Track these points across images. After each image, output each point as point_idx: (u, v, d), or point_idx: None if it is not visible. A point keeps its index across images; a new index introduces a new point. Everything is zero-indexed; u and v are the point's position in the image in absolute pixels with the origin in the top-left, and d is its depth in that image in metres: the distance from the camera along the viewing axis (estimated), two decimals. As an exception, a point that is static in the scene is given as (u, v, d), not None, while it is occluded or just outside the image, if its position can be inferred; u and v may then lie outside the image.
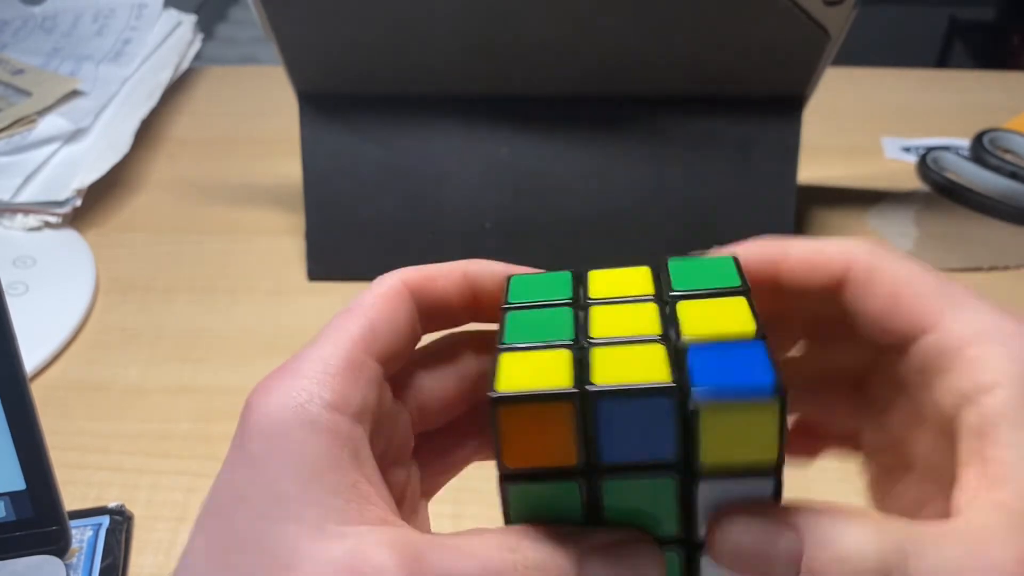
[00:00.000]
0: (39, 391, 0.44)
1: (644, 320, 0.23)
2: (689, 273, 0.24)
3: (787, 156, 0.56)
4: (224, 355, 0.53)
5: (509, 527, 0.22)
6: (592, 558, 0.21)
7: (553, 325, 0.23)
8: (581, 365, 0.21)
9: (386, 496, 0.22)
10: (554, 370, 0.21)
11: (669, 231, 0.57)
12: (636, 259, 0.26)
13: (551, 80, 0.56)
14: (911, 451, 0.25)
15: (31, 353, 0.51)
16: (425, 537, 0.21)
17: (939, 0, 1.76)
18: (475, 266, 0.26)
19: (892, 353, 0.25)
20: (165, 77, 0.74)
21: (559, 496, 0.22)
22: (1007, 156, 0.67)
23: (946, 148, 0.68)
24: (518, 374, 0.21)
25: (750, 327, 0.22)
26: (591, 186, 0.57)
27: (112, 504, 0.43)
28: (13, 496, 0.36)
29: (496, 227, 0.57)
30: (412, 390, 0.26)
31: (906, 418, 0.25)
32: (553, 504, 0.22)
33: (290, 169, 0.60)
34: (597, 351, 0.22)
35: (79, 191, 0.63)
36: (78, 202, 0.62)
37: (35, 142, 0.66)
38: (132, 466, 0.46)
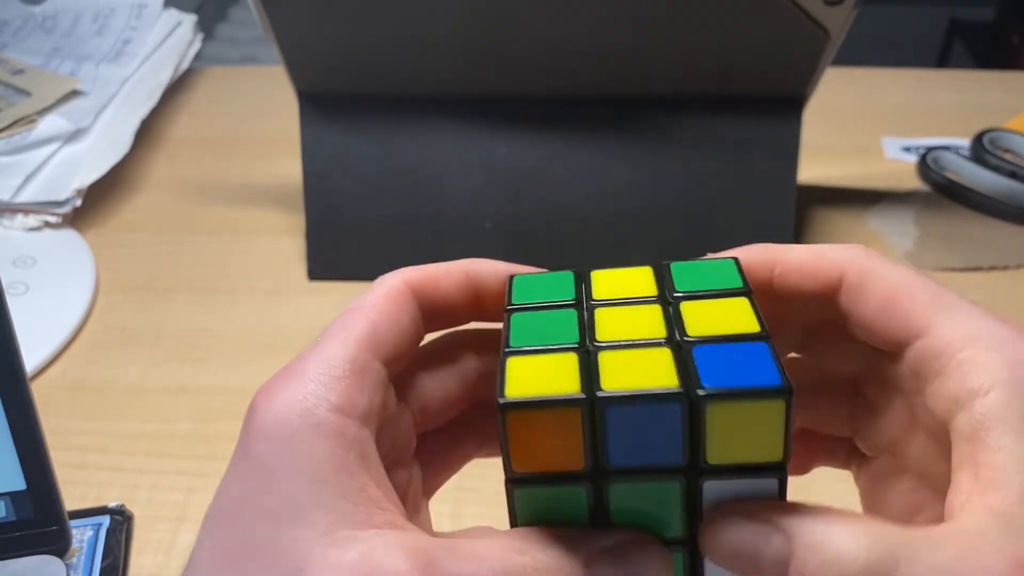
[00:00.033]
0: (39, 391, 0.44)
1: (649, 322, 0.23)
2: (691, 275, 0.25)
3: (787, 156, 0.56)
4: (224, 355, 0.53)
5: (517, 530, 0.22)
6: (600, 560, 0.22)
7: (558, 327, 0.23)
8: (588, 370, 0.21)
9: (394, 499, 0.22)
10: (561, 375, 0.21)
11: (669, 231, 0.57)
12: (637, 259, 0.26)
13: (551, 80, 0.56)
14: (905, 456, 0.26)
15: (31, 353, 0.51)
16: (436, 541, 0.21)
17: (939, 0, 1.76)
18: (477, 265, 0.26)
19: (886, 358, 0.25)
20: (165, 77, 0.74)
21: (566, 499, 0.22)
22: (1007, 156, 0.67)
23: (946, 148, 0.68)
24: (526, 379, 0.21)
25: (754, 327, 0.22)
26: (591, 186, 0.57)
27: (112, 504, 0.43)
28: (13, 496, 0.36)
29: (496, 227, 0.57)
30: (414, 390, 0.26)
31: (900, 422, 0.25)
32: (560, 507, 0.22)
33: (290, 169, 0.60)
34: (604, 355, 0.22)
35: (79, 191, 0.63)
36: (78, 202, 0.62)
37: (35, 142, 0.66)
38: (132, 466, 0.46)
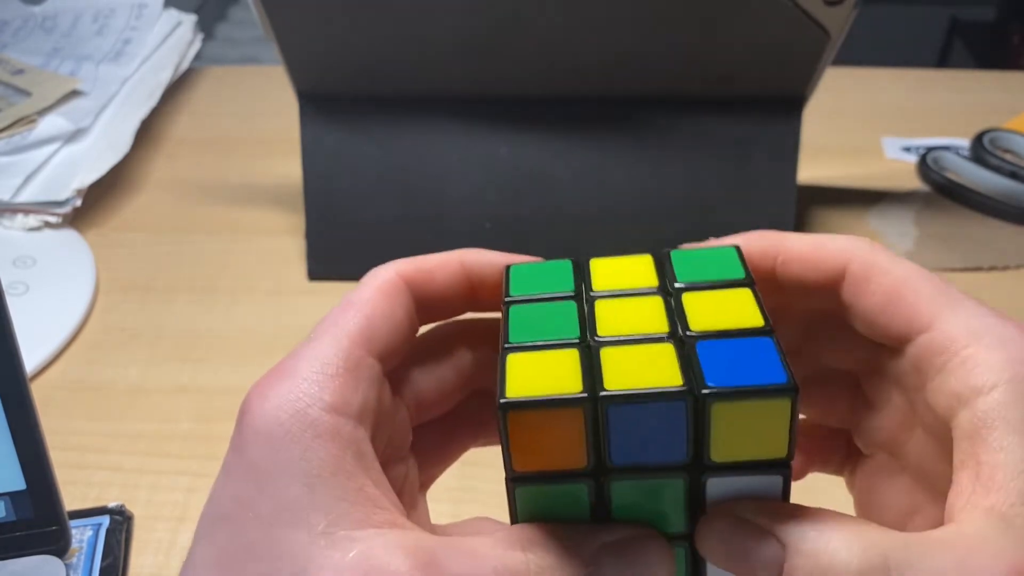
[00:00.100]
0: (39, 391, 0.44)
1: (650, 315, 0.22)
2: (692, 264, 0.24)
3: (787, 156, 0.56)
4: (224, 355, 0.53)
5: (517, 526, 0.22)
6: (603, 556, 0.21)
7: (558, 321, 0.23)
8: (590, 367, 0.21)
9: (392, 497, 0.22)
10: (563, 373, 0.21)
11: (669, 231, 0.56)
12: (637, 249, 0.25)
13: (551, 80, 0.56)
14: (903, 454, 0.25)
15: (31, 353, 0.51)
16: (436, 540, 0.21)
17: (939, 0, 1.75)
18: (471, 256, 0.25)
19: (887, 352, 0.24)
20: (165, 77, 0.74)
21: (567, 496, 0.22)
22: (1007, 156, 0.67)
23: (946, 148, 0.68)
24: (526, 377, 0.21)
25: (758, 320, 0.22)
26: (591, 186, 0.57)
27: (112, 504, 0.43)
28: (13, 496, 0.36)
29: (496, 227, 0.57)
30: (409, 384, 0.26)
31: (899, 419, 0.25)
32: (561, 504, 0.22)
33: (290, 169, 0.60)
34: (606, 352, 0.21)
35: (79, 191, 0.62)
36: (78, 202, 0.62)
37: (35, 142, 0.66)
38: (132, 466, 0.46)
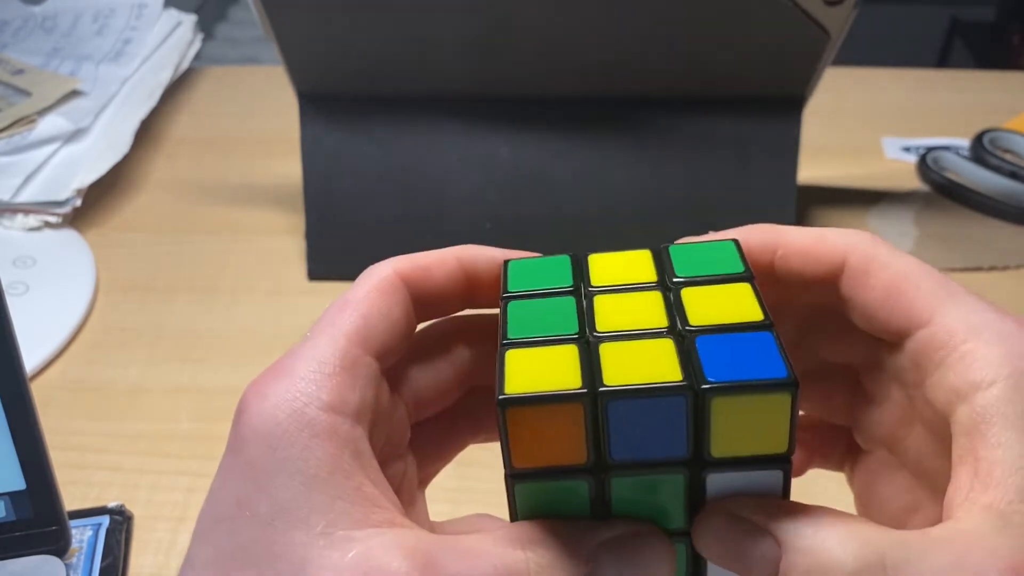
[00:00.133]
0: (39, 391, 0.44)
1: (649, 310, 0.22)
2: (691, 258, 0.24)
3: (787, 156, 0.56)
4: (224, 355, 0.53)
5: (517, 524, 0.22)
6: (603, 553, 0.21)
7: (557, 316, 0.23)
8: (589, 362, 0.21)
9: (390, 495, 0.22)
10: (562, 368, 0.21)
11: (669, 231, 0.56)
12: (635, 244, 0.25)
13: (551, 80, 0.56)
14: (902, 450, 0.25)
15: (31, 353, 0.51)
16: (435, 539, 0.21)
17: (939, 0, 1.75)
18: (469, 252, 0.25)
19: (886, 347, 0.24)
20: (165, 77, 0.74)
21: (567, 493, 0.22)
22: (1007, 156, 0.67)
23: (946, 148, 0.68)
24: (525, 373, 0.21)
25: (757, 314, 0.22)
26: (591, 186, 0.57)
27: (112, 504, 0.43)
28: (13, 496, 0.36)
29: (496, 227, 0.57)
30: (407, 382, 0.25)
31: (898, 414, 0.25)
32: (561, 500, 0.22)
33: (290, 169, 0.60)
34: (605, 347, 0.21)
35: (79, 191, 0.63)
36: (78, 202, 0.62)
37: (35, 142, 0.66)
38: (132, 466, 0.46)
